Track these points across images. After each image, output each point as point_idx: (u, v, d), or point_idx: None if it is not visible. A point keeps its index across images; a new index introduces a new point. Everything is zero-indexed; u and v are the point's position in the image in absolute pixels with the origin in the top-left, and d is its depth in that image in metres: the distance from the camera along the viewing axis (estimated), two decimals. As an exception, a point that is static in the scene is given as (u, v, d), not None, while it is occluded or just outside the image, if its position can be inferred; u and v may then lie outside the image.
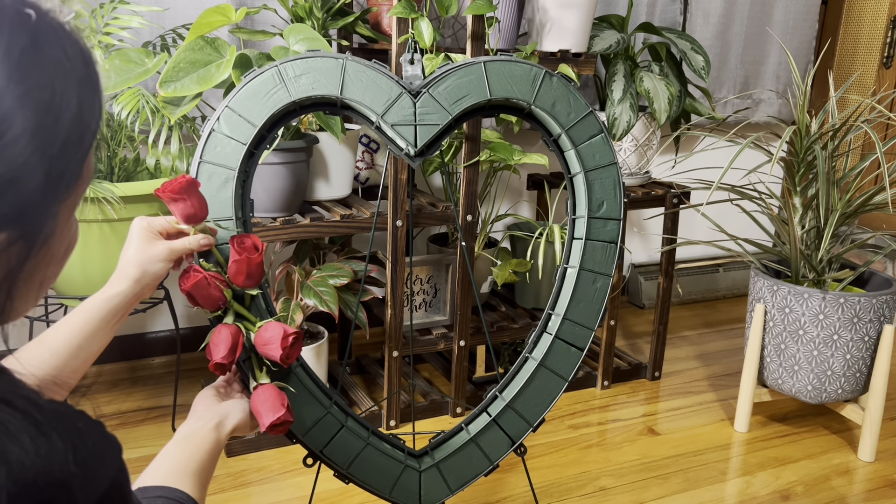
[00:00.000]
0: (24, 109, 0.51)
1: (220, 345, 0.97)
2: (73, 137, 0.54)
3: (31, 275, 0.57)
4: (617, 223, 1.28)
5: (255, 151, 1.13)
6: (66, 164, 0.54)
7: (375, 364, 2.26)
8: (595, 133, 1.25)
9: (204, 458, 0.90)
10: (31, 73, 0.51)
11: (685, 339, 2.67)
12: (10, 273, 0.54)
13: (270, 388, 1.00)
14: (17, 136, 0.50)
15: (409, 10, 1.69)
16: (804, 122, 1.91)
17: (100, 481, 0.54)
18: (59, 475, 0.50)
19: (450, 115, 1.18)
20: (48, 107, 0.52)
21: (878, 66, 2.92)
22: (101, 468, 0.55)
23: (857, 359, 1.85)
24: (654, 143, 2.28)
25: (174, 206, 0.97)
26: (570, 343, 1.29)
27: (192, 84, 1.54)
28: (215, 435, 0.94)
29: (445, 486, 1.29)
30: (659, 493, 1.74)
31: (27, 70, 0.51)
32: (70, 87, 0.54)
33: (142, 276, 0.95)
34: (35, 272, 0.57)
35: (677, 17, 2.70)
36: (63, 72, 0.54)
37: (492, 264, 2.12)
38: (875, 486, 1.81)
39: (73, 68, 0.55)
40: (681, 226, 2.65)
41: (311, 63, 1.13)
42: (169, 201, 0.97)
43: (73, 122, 0.54)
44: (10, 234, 0.52)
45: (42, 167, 0.52)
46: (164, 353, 2.33)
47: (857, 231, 1.98)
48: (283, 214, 1.76)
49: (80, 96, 0.55)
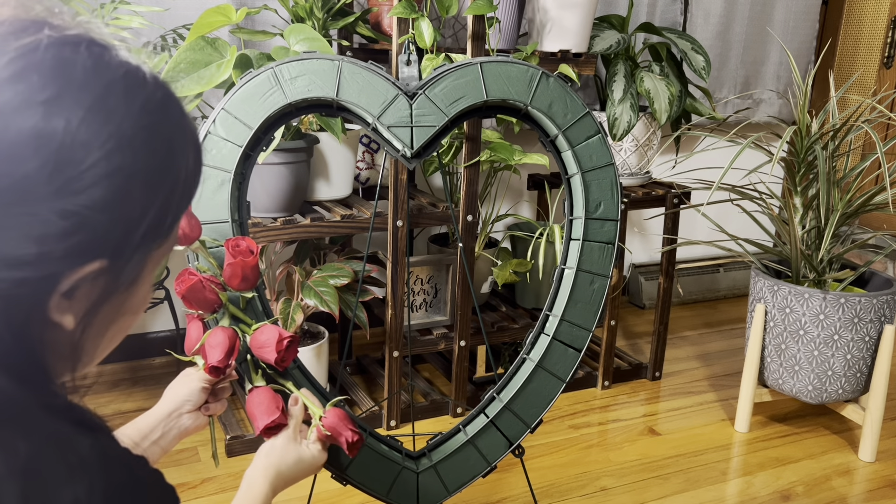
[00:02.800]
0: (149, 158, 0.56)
1: (215, 348, 0.97)
2: (180, 191, 0.59)
3: (108, 316, 0.59)
4: (614, 224, 1.28)
5: (252, 153, 1.13)
6: (167, 213, 0.58)
7: (376, 364, 2.26)
8: (592, 134, 1.25)
9: None
10: (161, 121, 0.57)
11: (686, 340, 2.66)
12: (95, 304, 0.57)
13: (265, 391, 1.00)
14: (139, 171, 0.55)
15: (410, 10, 1.69)
16: (805, 123, 1.91)
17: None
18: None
19: (446, 117, 1.18)
20: (168, 160, 0.58)
21: (878, 66, 2.91)
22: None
23: (858, 359, 1.85)
24: (655, 144, 2.27)
25: None
26: (567, 344, 1.29)
27: (192, 84, 1.54)
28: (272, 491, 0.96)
29: (443, 488, 1.29)
30: (659, 494, 1.74)
31: (159, 119, 0.57)
32: (188, 147, 0.60)
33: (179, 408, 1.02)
34: (113, 315, 0.60)
35: (678, 17, 2.70)
36: (182, 131, 0.59)
37: (492, 264, 2.12)
38: (876, 486, 1.81)
39: (190, 135, 0.61)
40: (681, 226, 2.65)
41: (307, 65, 1.13)
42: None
43: (185, 179, 0.60)
44: (104, 264, 0.55)
45: (151, 207, 0.56)
46: (164, 353, 2.34)
47: (857, 231, 1.98)
48: (283, 214, 1.76)
49: (195, 158, 0.61)
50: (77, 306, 0.56)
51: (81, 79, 0.53)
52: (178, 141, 0.59)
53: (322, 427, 1.02)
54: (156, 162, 0.56)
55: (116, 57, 0.56)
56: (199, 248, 1.03)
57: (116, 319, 0.61)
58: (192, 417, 1.01)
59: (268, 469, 0.96)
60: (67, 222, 0.52)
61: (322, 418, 1.03)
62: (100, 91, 0.53)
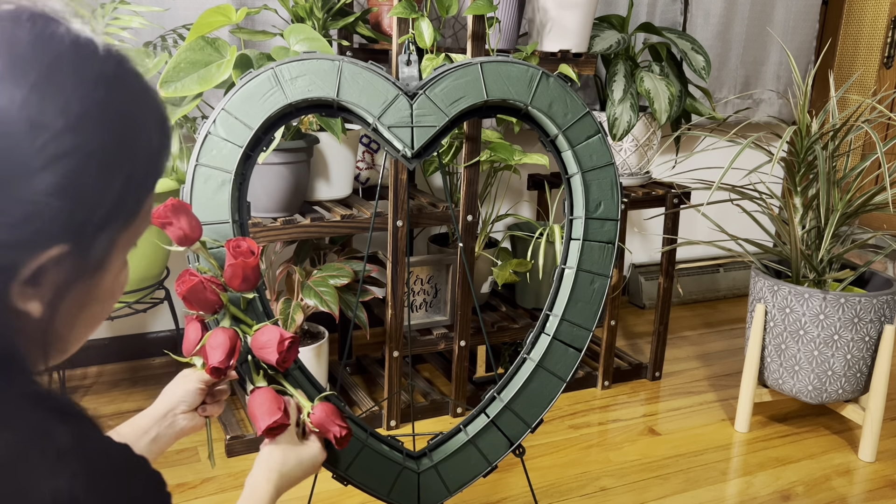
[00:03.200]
0: (105, 134, 0.53)
1: (216, 349, 0.97)
2: (143, 170, 0.57)
3: (78, 301, 0.57)
4: (614, 223, 1.28)
5: (252, 154, 1.13)
6: (130, 194, 0.56)
7: (376, 364, 2.26)
8: (592, 133, 1.25)
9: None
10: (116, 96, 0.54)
11: (686, 340, 2.66)
12: (61, 288, 0.55)
13: (267, 392, 1.00)
14: (94, 150, 0.52)
15: (410, 10, 1.69)
16: (805, 123, 1.91)
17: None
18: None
19: (446, 117, 1.18)
20: (128, 136, 0.55)
21: (878, 66, 2.91)
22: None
23: (858, 359, 1.85)
24: (655, 144, 2.27)
25: (166, 230, 0.98)
26: (567, 344, 1.29)
27: (192, 84, 1.54)
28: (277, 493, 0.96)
29: (444, 488, 1.29)
30: (659, 494, 1.74)
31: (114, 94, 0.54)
32: (150, 123, 0.57)
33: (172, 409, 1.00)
34: (83, 301, 0.58)
35: (678, 17, 2.70)
36: (141, 106, 0.56)
37: (492, 264, 2.12)
38: (876, 486, 1.81)
39: (152, 109, 0.58)
40: (681, 226, 2.65)
41: (308, 65, 1.13)
42: (161, 227, 0.98)
43: (147, 157, 0.57)
44: (65, 249, 0.53)
45: (111, 188, 0.54)
46: (163, 353, 2.34)
47: (857, 231, 1.98)
48: (283, 214, 1.76)
49: (160, 134, 0.58)
50: (43, 293, 0.54)
51: (24, 54, 0.50)
52: (137, 116, 0.56)
53: (309, 422, 1.03)
54: (113, 140, 0.53)
55: (64, 29, 0.52)
56: (199, 249, 1.03)
57: (88, 304, 0.58)
58: (188, 418, 0.99)
59: (270, 472, 0.95)
60: (20, 210, 0.50)
61: (310, 414, 1.03)
62: (45, 66, 0.50)
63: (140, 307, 1.88)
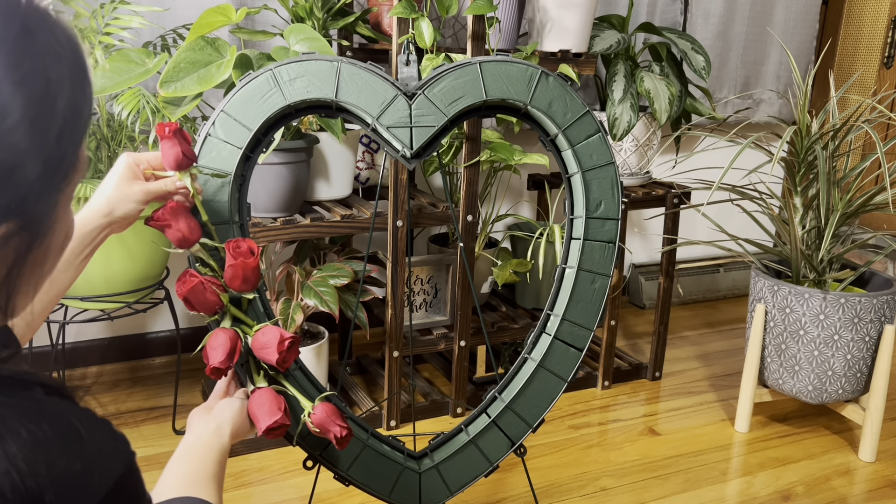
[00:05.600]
0: (21, 97, 0.50)
1: (217, 349, 0.97)
2: (69, 124, 0.54)
3: (32, 268, 0.56)
4: (615, 223, 1.28)
5: (251, 155, 1.13)
6: (64, 150, 0.54)
7: (376, 364, 2.26)
8: (592, 133, 1.25)
9: (213, 465, 0.90)
10: (25, 59, 0.51)
11: (686, 340, 2.66)
12: (13, 267, 0.54)
13: (267, 392, 1.00)
14: (16, 123, 0.50)
15: (410, 10, 1.69)
16: (805, 123, 1.91)
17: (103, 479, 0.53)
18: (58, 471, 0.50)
19: (445, 117, 1.18)
20: (44, 93, 0.52)
21: (878, 66, 2.91)
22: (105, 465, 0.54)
23: (858, 359, 1.85)
24: (655, 143, 2.27)
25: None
26: (568, 344, 1.28)
27: (192, 84, 1.54)
28: (217, 440, 0.94)
29: (445, 488, 1.29)
30: (659, 494, 1.74)
31: (21, 57, 0.51)
32: (63, 73, 0.54)
33: (110, 213, 0.96)
34: (35, 265, 0.56)
35: (678, 17, 2.70)
36: (56, 58, 0.53)
37: (492, 264, 2.12)
38: (876, 486, 1.81)
39: (65, 55, 0.54)
40: (681, 226, 2.65)
41: (306, 66, 1.13)
42: (160, 230, 0.97)
43: (68, 108, 0.54)
44: (12, 226, 0.52)
45: (41, 154, 0.52)
46: (164, 353, 2.34)
47: (857, 231, 1.98)
48: (283, 214, 1.76)
49: (73, 82, 0.55)
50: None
51: None
52: (54, 69, 0.53)
53: (310, 422, 1.03)
54: (35, 103, 0.51)
55: None
56: (199, 251, 1.03)
57: (41, 264, 0.57)
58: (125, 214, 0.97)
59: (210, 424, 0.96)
60: None
61: (311, 414, 1.03)
62: None
63: (140, 307, 1.88)
